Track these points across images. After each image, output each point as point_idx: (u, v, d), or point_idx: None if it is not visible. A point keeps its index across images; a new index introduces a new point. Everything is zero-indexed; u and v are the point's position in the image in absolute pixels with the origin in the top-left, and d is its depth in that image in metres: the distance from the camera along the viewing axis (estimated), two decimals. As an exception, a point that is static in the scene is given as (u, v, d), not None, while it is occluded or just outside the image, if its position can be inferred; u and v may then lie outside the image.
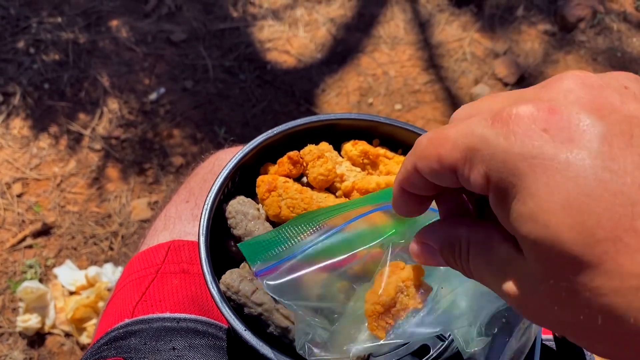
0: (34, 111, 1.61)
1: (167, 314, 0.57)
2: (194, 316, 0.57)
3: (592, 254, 0.21)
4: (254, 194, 0.53)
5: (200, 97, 1.66)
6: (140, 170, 1.55)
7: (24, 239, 1.44)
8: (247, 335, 0.44)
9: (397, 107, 1.69)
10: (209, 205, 0.50)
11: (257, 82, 1.70)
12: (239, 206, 0.50)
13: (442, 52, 1.80)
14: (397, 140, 0.56)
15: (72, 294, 1.35)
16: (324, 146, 0.54)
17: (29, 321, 1.30)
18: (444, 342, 0.51)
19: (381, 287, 0.35)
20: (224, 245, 0.53)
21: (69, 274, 1.36)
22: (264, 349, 0.43)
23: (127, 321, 0.57)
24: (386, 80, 1.73)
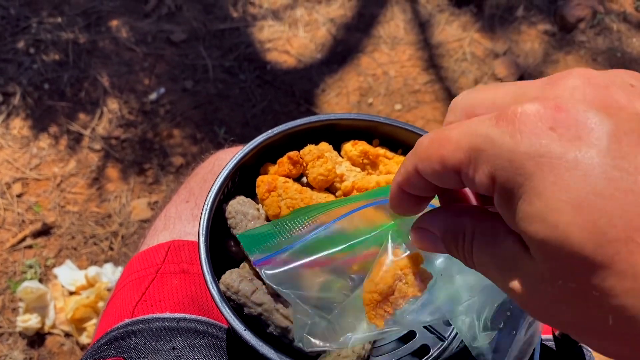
0: (34, 111, 1.61)
1: (167, 314, 0.57)
2: (193, 316, 0.57)
3: (603, 254, 0.20)
4: (254, 194, 0.53)
5: (200, 97, 1.66)
6: (140, 170, 1.55)
7: (23, 239, 1.44)
8: (247, 335, 0.44)
9: (397, 107, 1.69)
10: (209, 205, 0.50)
11: (257, 82, 1.70)
12: (238, 206, 0.50)
13: (442, 52, 1.80)
14: (397, 140, 0.56)
15: (72, 294, 1.35)
16: (324, 146, 0.54)
17: (29, 321, 1.30)
18: (444, 341, 0.51)
19: (379, 275, 0.34)
20: (223, 245, 0.53)
21: (68, 274, 1.36)
22: (263, 348, 0.43)
23: (127, 321, 0.57)
24: (386, 80, 1.73)
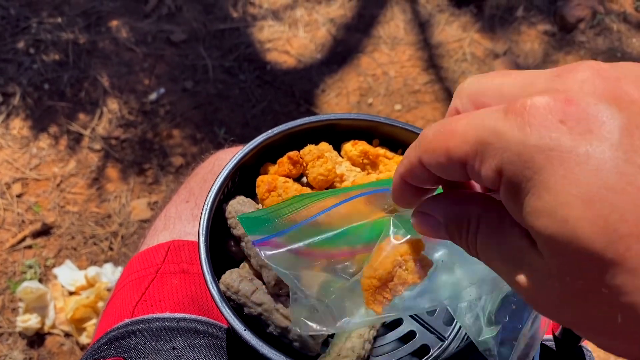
0: (34, 111, 1.61)
1: (167, 314, 0.57)
2: (193, 316, 0.57)
3: (614, 250, 0.20)
4: (254, 194, 0.53)
5: (200, 98, 1.66)
6: (140, 170, 1.55)
7: (23, 239, 1.44)
8: (247, 335, 0.44)
9: (397, 107, 1.69)
10: (209, 205, 0.50)
11: (257, 82, 1.70)
12: (238, 206, 0.50)
13: (442, 52, 1.80)
14: (397, 140, 0.56)
15: (71, 294, 1.35)
16: (324, 146, 0.54)
17: (29, 321, 1.30)
18: (444, 342, 0.51)
19: (378, 260, 0.34)
20: (223, 245, 0.53)
21: (68, 274, 1.36)
22: (263, 348, 0.43)
23: (127, 321, 0.57)
24: (386, 80, 1.73)
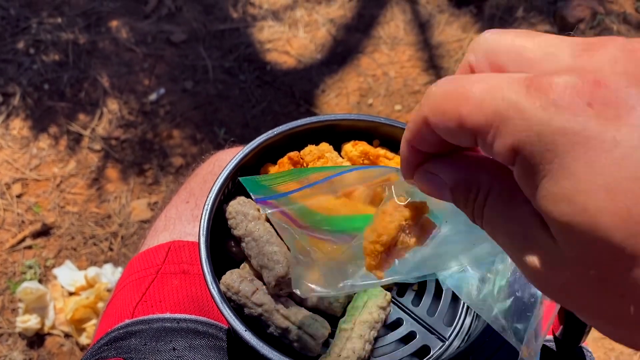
0: (34, 112, 1.61)
1: (167, 315, 0.57)
2: (194, 317, 0.57)
3: (634, 244, 0.19)
4: (254, 195, 0.53)
5: (200, 98, 1.66)
6: (140, 170, 1.55)
7: (23, 240, 1.44)
8: (247, 335, 0.44)
9: (397, 107, 1.69)
10: (209, 205, 0.50)
11: (257, 82, 1.70)
12: (239, 207, 0.50)
13: (442, 52, 1.80)
14: (397, 141, 0.56)
15: (71, 294, 1.35)
16: (324, 147, 0.54)
17: (29, 322, 1.30)
18: (445, 342, 0.51)
19: (382, 225, 0.33)
20: (224, 245, 0.53)
21: (68, 275, 1.36)
22: (264, 349, 0.43)
23: (127, 322, 0.57)
24: (386, 80, 1.73)
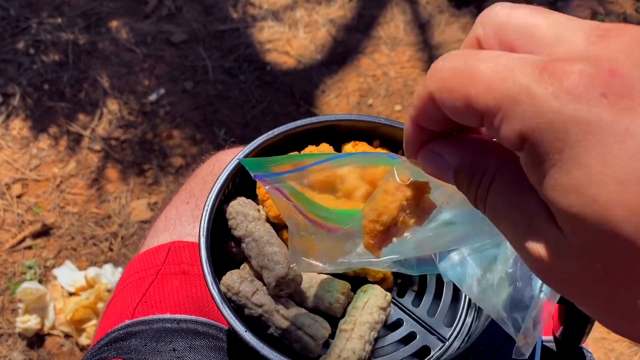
0: (34, 112, 1.61)
1: (168, 315, 0.57)
2: (194, 317, 0.57)
3: None
4: (255, 195, 0.53)
5: (200, 98, 1.66)
6: (139, 171, 1.55)
7: (23, 240, 1.44)
8: (248, 336, 0.44)
9: (397, 108, 1.69)
10: (210, 206, 0.50)
11: (257, 83, 1.70)
12: (239, 207, 0.50)
13: (442, 53, 1.80)
14: (397, 141, 0.56)
15: (71, 295, 1.35)
16: (325, 147, 0.54)
17: (29, 322, 1.30)
18: (445, 343, 0.51)
19: (383, 204, 0.32)
20: (224, 246, 0.53)
21: (68, 275, 1.36)
22: (264, 350, 0.43)
23: (128, 322, 0.57)
24: (386, 81, 1.73)
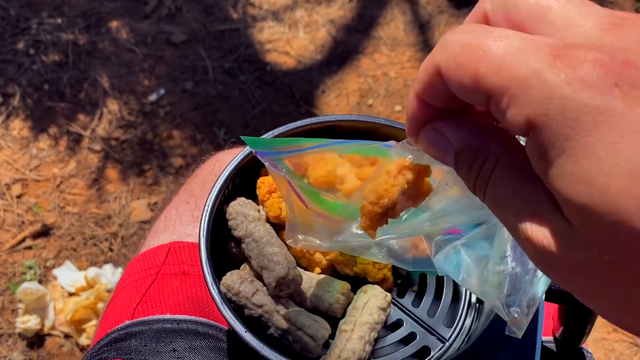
0: (34, 112, 1.61)
1: (168, 316, 0.57)
2: (194, 317, 0.57)
3: None
4: (255, 196, 0.53)
5: (200, 99, 1.66)
6: (139, 171, 1.55)
7: (23, 240, 1.44)
8: (248, 336, 0.44)
9: (397, 108, 1.69)
10: (210, 206, 0.50)
11: (257, 83, 1.70)
12: (239, 207, 0.50)
13: (441, 53, 1.80)
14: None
15: (71, 295, 1.35)
16: (325, 148, 0.54)
17: (29, 322, 1.30)
18: (445, 343, 0.51)
19: (384, 187, 0.32)
20: (224, 246, 0.53)
21: (68, 275, 1.36)
22: (264, 350, 0.43)
23: (128, 322, 0.57)
24: (386, 81, 1.73)
